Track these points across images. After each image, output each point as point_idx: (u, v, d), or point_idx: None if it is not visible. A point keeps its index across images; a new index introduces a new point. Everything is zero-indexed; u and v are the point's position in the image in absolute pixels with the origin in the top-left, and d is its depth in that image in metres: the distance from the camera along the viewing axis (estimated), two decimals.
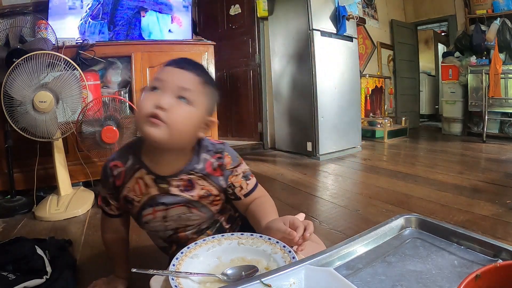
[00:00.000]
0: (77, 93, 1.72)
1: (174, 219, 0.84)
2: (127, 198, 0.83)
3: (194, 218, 0.85)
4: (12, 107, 1.62)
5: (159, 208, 0.82)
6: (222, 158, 0.83)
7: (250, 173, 0.88)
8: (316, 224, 1.53)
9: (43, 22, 1.96)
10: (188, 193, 0.81)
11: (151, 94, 0.72)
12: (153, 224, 0.85)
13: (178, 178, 0.80)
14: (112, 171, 0.83)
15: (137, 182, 0.81)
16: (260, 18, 3.41)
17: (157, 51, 2.26)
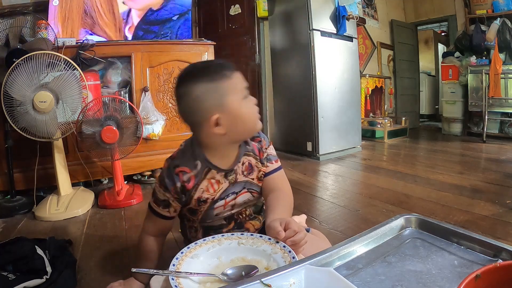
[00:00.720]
0: (77, 93, 1.72)
1: (240, 204, 0.93)
2: (201, 199, 0.88)
3: (254, 199, 0.96)
4: (12, 107, 1.62)
5: (230, 198, 0.90)
6: (261, 141, 0.95)
7: (275, 158, 0.99)
8: (316, 224, 1.53)
9: (43, 22, 1.96)
10: (250, 176, 0.92)
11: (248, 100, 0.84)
12: (223, 215, 0.92)
13: (241, 163, 0.90)
14: (180, 176, 0.86)
15: (209, 182, 0.88)
16: (260, 18, 3.41)
17: (157, 51, 2.26)
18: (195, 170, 0.86)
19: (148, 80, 2.22)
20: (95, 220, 1.67)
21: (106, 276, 1.09)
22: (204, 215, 0.92)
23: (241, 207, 0.94)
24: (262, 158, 0.94)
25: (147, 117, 2.12)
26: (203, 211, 0.91)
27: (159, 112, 2.20)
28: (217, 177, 0.88)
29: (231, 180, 0.89)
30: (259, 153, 0.94)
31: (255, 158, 0.93)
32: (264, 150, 0.95)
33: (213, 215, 0.91)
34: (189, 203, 0.89)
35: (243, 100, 0.82)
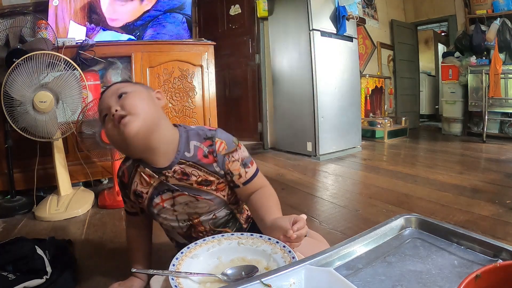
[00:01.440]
0: (77, 93, 1.72)
1: (183, 207, 0.86)
2: (136, 192, 0.88)
3: (202, 205, 0.86)
4: (12, 107, 1.62)
5: (166, 196, 0.85)
6: (213, 145, 0.83)
7: (250, 160, 0.88)
8: (316, 224, 1.53)
9: (43, 22, 1.96)
10: (186, 181, 0.83)
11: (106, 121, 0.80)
12: (165, 214, 0.88)
13: (171, 170, 0.82)
14: (119, 172, 0.92)
15: (141, 175, 0.86)
16: (260, 18, 3.41)
17: (157, 51, 2.26)
18: (128, 163, 0.89)
19: (148, 80, 2.22)
20: (95, 220, 1.67)
21: (106, 276, 1.09)
22: (150, 213, 0.91)
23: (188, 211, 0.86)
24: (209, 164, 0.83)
25: None
26: (145, 208, 0.90)
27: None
28: (147, 171, 0.85)
29: (162, 178, 0.84)
30: (205, 158, 0.83)
31: (192, 166, 0.82)
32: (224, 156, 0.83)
33: (155, 213, 0.88)
34: (130, 198, 0.91)
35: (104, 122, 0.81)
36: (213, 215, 0.88)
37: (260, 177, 0.89)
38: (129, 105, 0.77)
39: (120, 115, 0.76)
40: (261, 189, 0.87)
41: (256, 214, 0.84)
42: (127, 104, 0.77)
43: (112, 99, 0.79)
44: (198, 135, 0.85)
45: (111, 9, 2.50)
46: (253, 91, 3.59)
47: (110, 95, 0.81)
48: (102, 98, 0.83)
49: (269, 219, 0.78)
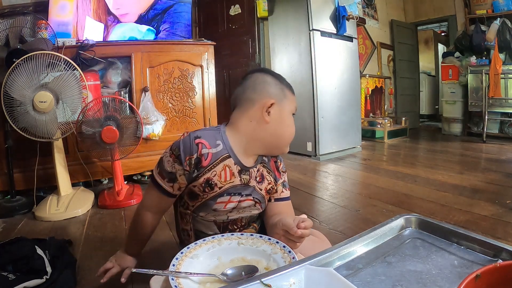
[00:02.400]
0: (77, 93, 1.72)
1: (239, 211, 0.89)
2: (209, 181, 0.82)
3: (255, 211, 0.92)
4: (12, 107, 1.62)
5: (235, 198, 0.86)
6: (277, 162, 0.95)
7: (288, 186, 0.98)
8: (316, 224, 1.53)
9: (43, 22, 1.96)
10: (259, 185, 0.89)
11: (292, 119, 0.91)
12: (219, 214, 0.87)
13: (256, 169, 0.88)
14: (199, 148, 0.81)
15: (224, 168, 0.84)
16: (260, 18, 3.41)
17: (157, 51, 2.26)
18: (215, 149, 0.83)
19: (148, 80, 2.22)
20: (95, 220, 1.67)
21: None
22: (202, 205, 0.86)
23: (240, 214, 0.90)
24: (277, 177, 0.94)
25: (147, 117, 2.12)
26: (204, 199, 0.84)
27: (159, 112, 2.20)
28: (233, 168, 0.84)
29: (244, 179, 0.86)
30: (274, 171, 0.94)
31: (268, 171, 0.92)
32: (281, 172, 0.96)
33: (211, 208, 0.85)
34: (195, 181, 0.83)
35: (290, 115, 0.90)
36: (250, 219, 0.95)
37: (290, 204, 0.96)
38: None
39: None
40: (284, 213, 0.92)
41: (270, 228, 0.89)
42: None
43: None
44: None
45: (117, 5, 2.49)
46: None
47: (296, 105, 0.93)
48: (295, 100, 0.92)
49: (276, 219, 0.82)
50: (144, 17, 2.56)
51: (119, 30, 2.48)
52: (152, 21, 2.57)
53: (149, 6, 2.56)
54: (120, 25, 2.49)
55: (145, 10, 2.55)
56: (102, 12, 2.43)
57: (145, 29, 2.53)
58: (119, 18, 2.49)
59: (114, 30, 2.47)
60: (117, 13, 2.48)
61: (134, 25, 2.52)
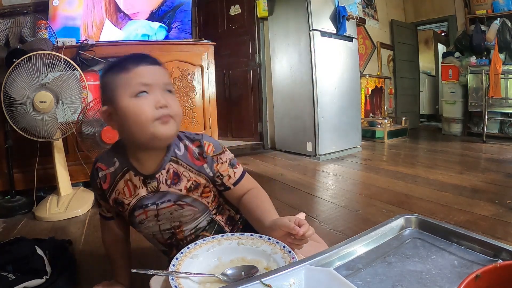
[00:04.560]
0: (77, 93, 1.72)
1: (167, 217, 0.83)
2: (117, 201, 0.83)
3: (187, 214, 0.83)
4: (12, 107, 1.62)
5: (150, 208, 0.82)
6: (202, 146, 0.82)
7: (236, 161, 0.87)
8: (316, 224, 1.53)
9: (43, 22, 1.96)
10: (176, 187, 0.80)
11: (143, 98, 0.73)
12: (147, 224, 0.84)
13: (165, 170, 0.80)
14: (98, 172, 0.84)
15: (126, 184, 0.81)
16: (260, 18, 3.41)
17: (157, 51, 2.26)
18: (112, 168, 0.82)
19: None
20: (95, 220, 1.66)
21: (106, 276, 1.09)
22: (131, 222, 0.86)
23: (170, 221, 0.83)
24: (200, 166, 0.82)
25: None
26: (126, 216, 0.85)
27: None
28: (135, 180, 0.80)
29: (151, 187, 0.80)
30: (196, 160, 0.81)
31: (184, 166, 0.81)
32: (213, 157, 0.82)
33: (137, 222, 0.84)
34: (109, 204, 0.85)
35: (135, 97, 0.72)
36: (196, 224, 0.86)
37: (249, 178, 0.88)
38: (176, 109, 0.75)
39: (168, 114, 0.73)
40: (252, 190, 0.86)
41: (251, 216, 0.82)
42: (174, 107, 0.75)
43: (161, 87, 0.74)
44: (186, 136, 0.84)
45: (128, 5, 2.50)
46: (253, 91, 3.59)
47: (161, 80, 0.75)
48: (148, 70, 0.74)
49: (267, 220, 0.77)
50: (155, 14, 2.56)
51: (132, 27, 2.49)
52: (163, 18, 2.57)
53: (160, 3, 2.57)
54: (132, 22, 2.50)
55: (157, 7, 2.56)
56: (113, 9, 2.43)
57: (157, 26, 2.54)
58: (130, 16, 2.51)
59: (126, 27, 2.47)
60: (128, 13, 2.49)
61: (145, 22, 2.53)
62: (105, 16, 2.40)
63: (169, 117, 0.73)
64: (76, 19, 2.30)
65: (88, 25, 2.34)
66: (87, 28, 2.34)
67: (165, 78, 0.77)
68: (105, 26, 2.39)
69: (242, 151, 3.36)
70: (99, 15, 2.38)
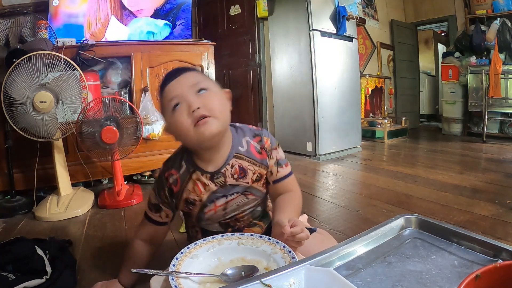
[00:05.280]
0: (77, 93, 1.72)
1: (234, 209, 0.88)
2: (188, 200, 0.87)
3: (251, 202, 0.90)
4: (12, 107, 1.62)
5: (219, 202, 0.86)
6: (262, 141, 0.88)
7: (285, 162, 0.92)
8: (316, 224, 1.53)
9: (43, 22, 1.96)
10: (243, 180, 0.86)
11: (178, 110, 0.77)
12: (215, 219, 0.89)
13: (229, 165, 0.85)
14: (168, 179, 0.88)
15: (195, 183, 0.86)
16: (260, 18, 3.41)
17: (157, 51, 2.26)
18: (181, 171, 0.86)
19: (148, 80, 2.22)
20: (95, 220, 1.67)
21: (106, 276, 1.09)
22: (197, 218, 0.90)
23: (235, 212, 0.89)
24: (264, 160, 0.87)
25: (147, 117, 2.12)
26: (195, 214, 0.89)
27: (159, 112, 2.21)
28: (203, 179, 0.85)
29: (219, 182, 0.85)
30: (258, 154, 0.87)
31: (248, 161, 0.86)
32: (269, 152, 0.88)
33: (205, 218, 0.89)
34: (178, 206, 0.90)
35: (172, 112, 0.78)
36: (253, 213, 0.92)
37: (292, 181, 0.93)
38: (211, 105, 0.77)
39: (203, 115, 0.75)
40: (290, 193, 0.91)
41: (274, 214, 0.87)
42: (209, 104, 0.77)
43: (191, 92, 0.77)
44: (249, 131, 0.90)
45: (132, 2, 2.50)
46: (253, 91, 3.59)
47: (187, 86, 0.78)
48: (175, 85, 0.79)
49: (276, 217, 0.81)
50: (159, 11, 2.57)
51: (136, 24, 2.50)
52: (167, 15, 2.58)
53: (165, 1, 2.58)
54: (136, 19, 2.51)
55: (161, 4, 2.57)
56: (118, 6, 2.44)
57: (162, 24, 2.55)
58: (135, 13, 2.51)
59: (131, 24, 2.48)
60: (133, 10, 2.50)
61: (150, 19, 2.54)
62: (110, 13, 2.40)
63: (206, 116, 0.76)
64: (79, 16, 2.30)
65: (92, 22, 2.34)
66: (91, 26, 2.34)
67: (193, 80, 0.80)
68: (110, 22, 2.39)
69: None
70: (104, 12, 2.39)
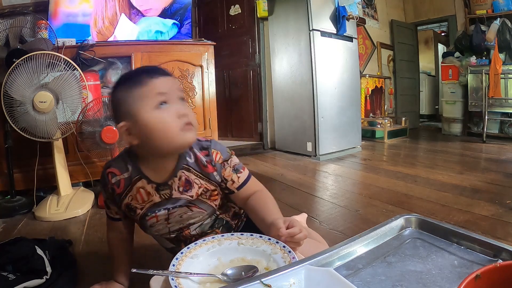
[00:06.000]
0: (77, 93, 1.72)
1: (177, 220, 0.86)
2: (129, 206, 0.85)
3: (195, 216, 0.86)
4: (12, 107, 1.62)
5: (161, 213, 0.84)
6: (210, 155, 0.84)
7: (241, 166, 0.89)
8: (316, 224, 1.53)
9: (43, 22, 1.96)
10: (187, 193, 0.83)
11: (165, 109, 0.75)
12: (157, 227, 0.87)
13: (177, 178, 0.82)
14: (110, 178, 0.84)
15: (138, 191, 0.83)
16: (260, 18, 3.41)
17: (157, 51, 2.26)
18: (126, 174, 0.83)
19: None
20: (95, 220, 1.67)
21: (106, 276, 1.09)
22: (140, 225, 0.89)
23: (180, 224, 0.86)
24: (209, 173, 0.83)
25: None
26: (137, 220, 0.87)
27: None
28: (148, 188, 0.82)
29: (164, 195, 0.82)
30: (204, 167, 0.83)
31: (195, 174, 0.83)
32: (220, 164, 0.84)
33: (148, 226, 0.86)
34: (121, 206, 0.87)
35: (156, 109, 0.74)
36: (201, 224, 0.89)
37: (254, 182, 0.90)
38: (192, 116, 0.79)
39: (190, 122, 0.76)
40: (257, 192, 0.88)
41: (256, 217, 0.84)
42: (191, 114, 0.78)
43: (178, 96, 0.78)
44: (196, 144, 0.85)
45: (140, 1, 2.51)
46: (253, 91, 3.59)
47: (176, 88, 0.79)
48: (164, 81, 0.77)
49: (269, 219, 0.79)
50: (167, 11, 2.58)
51: (144, 23, 2.51)
52: (174, 15, 2.59)
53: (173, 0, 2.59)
54: (145, 19, 2.53)
55: (169, 4, 2.58)
56: (126, 5, 2.45)
57: (171, 23, 2.57)
58: (143, 13, 2.52)
59: (139, 23, 2.50)
60: (141, 9, 2.52)
61: (158, 19, 2.56)
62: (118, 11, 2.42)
63: (191, 125, 0.76)
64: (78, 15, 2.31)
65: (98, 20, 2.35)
66: (97, 23, 2.34)
67: (178, 87, 0.81)
68: (120, 20, 2.40)
69: (242, 151, 3.36)
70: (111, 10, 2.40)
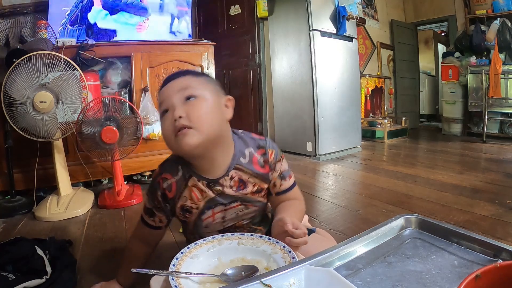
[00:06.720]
0: (77, 93, 1.72)
1: (232, 218, 0.85)
2: (184, 207, 0.84)
3: (251, 212, 0.87)
4: (12, 107, 1.62)
5: (218, 209, 0.83)
6: (267, 154, 0.84)
7: (288, 174, 0.89)
8: (316, 224, 1.53)
9: (43, 22, 1.96)
10: (242, 192, 0.83)
11: (164, 117, 0.76)
12: (213, 227, 0.86)
13: (229, 177, 0.81)
14: (161, 184, 0.83)
15: (191, 190, 0.82)
16: (260, 18, 3.41)
17: (157, 51, 2.26)
18: (177, 176, 0.82)
19: (148, 80, 2.22)
20: (95, 220, 1.67)
21: (106, 276, 1.09)
22: (194, 226, 0.86)
23: (235, 221, 0.86)
24: (265, 174, 0.84)
25: (147, 117, 2.12)
26: (192, 221, 0.85)
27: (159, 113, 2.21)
28: (200, 185, 0.81)
29: (216, 191, 0.81)
30: (261, 168, 0.84)
31: (249, 174, 0.82)
32: (272, 165, 0.84)
33: (203, 226, 0.85)
34: (174, 213, 0.86)
35: (161, 118, 0.78)
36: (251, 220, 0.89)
37: (295, 192, 0.90)
38: (195, 116, 0.73)
39: (183, 125, 0.72)
40: (292, 200, 0.89)
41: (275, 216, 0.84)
42: (193, 115, 0.73)
43: (178, 98, 0.75)
44: (251, 141, 0.85)
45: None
46: (253, 91, 3.59)
47: (176, 90, 0.76)
48: (167, 89, 0.77)
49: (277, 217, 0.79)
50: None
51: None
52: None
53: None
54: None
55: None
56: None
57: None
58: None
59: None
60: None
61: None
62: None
63: (187, 127, 0.72)
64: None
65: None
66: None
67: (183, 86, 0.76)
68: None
69: None
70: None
